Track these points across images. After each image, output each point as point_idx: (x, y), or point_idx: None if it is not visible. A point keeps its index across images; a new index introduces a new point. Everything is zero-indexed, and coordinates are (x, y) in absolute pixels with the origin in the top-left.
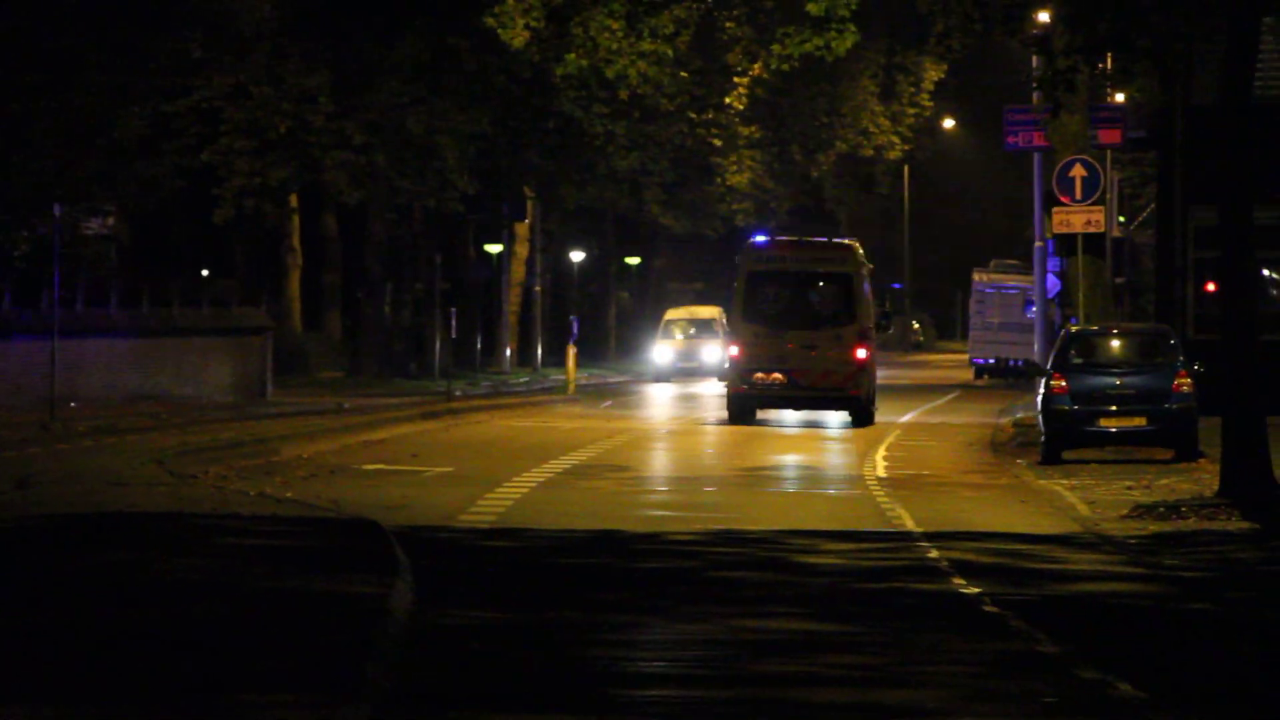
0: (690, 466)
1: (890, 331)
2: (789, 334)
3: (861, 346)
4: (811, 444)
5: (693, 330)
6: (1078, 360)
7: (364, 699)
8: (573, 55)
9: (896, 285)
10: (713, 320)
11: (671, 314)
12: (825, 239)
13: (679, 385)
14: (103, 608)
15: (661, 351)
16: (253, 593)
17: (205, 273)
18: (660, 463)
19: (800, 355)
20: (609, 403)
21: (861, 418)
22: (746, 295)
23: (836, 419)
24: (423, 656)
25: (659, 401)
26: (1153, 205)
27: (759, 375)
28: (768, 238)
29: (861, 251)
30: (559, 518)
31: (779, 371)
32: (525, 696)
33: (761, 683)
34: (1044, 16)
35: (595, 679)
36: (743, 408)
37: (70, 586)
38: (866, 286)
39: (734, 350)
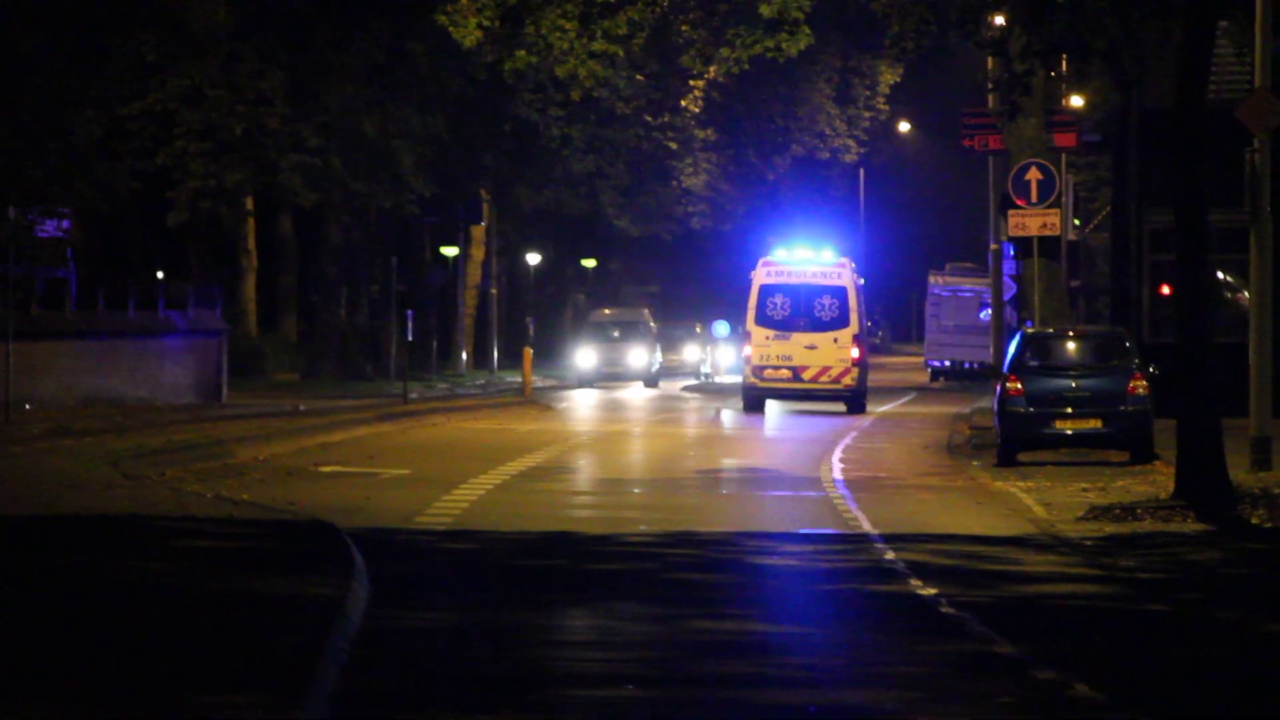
0: (647, 468)
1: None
2: (794, 336)
3: (856, 347)
4: (769, 447)
5: (617, 333)
6: (1033, 363)
7: (318, 700)
8: (522, 53)
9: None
10: (639, 322)
11: (596, 315)
12: (822, 258)
13: (603, 390)
14: (58, 610)
15: (585, 355)
16: (209, 594)
17: (160, 275)
18: (617, 465)
19: (804, 354)
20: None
21: (854, 407)
22: (759, 303)
23: (803, 420)
24: (377, 658)
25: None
26: (1108, 208)
27: (768, 371)
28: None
29: (854, 266)
30: (515, 520)
31: (786, 368)
32: (478, 697)
33: (715, 684)
34: (1000, 20)
35: (548, 679)
36: (754, 399)
37: (24, 589)
38: (860, 297)
39: (747, 350)
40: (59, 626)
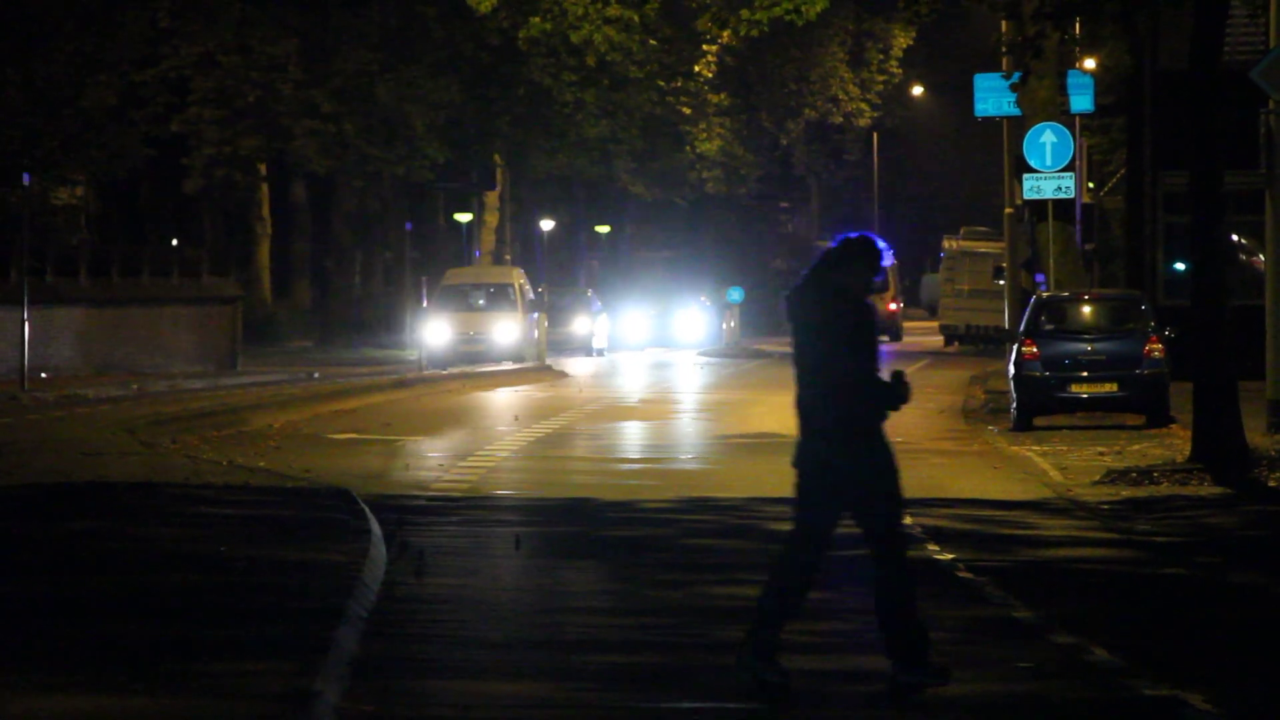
0: (664, 435)
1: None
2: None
3: (894, 302)
4: (784, 412)
5: (481, 300)
6: (1049, 326)
7: (336, 667)
8: (537, 19)
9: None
10: (509, 286)
11: (453, 277)
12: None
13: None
14: (75, 576)
15: (437, 329)
16: (225, 561)
17: (174, 242)
18: (633, 432)
19: None
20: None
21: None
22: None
23: None
24: (395, 625)
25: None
26: (1122, 171)
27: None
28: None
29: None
30: (532, 486)
31: None
32: (497, 663)
33: (733, 649)
34: None
35: (567, 646)
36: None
37: (42, 555)
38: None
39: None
40: (75, 593)
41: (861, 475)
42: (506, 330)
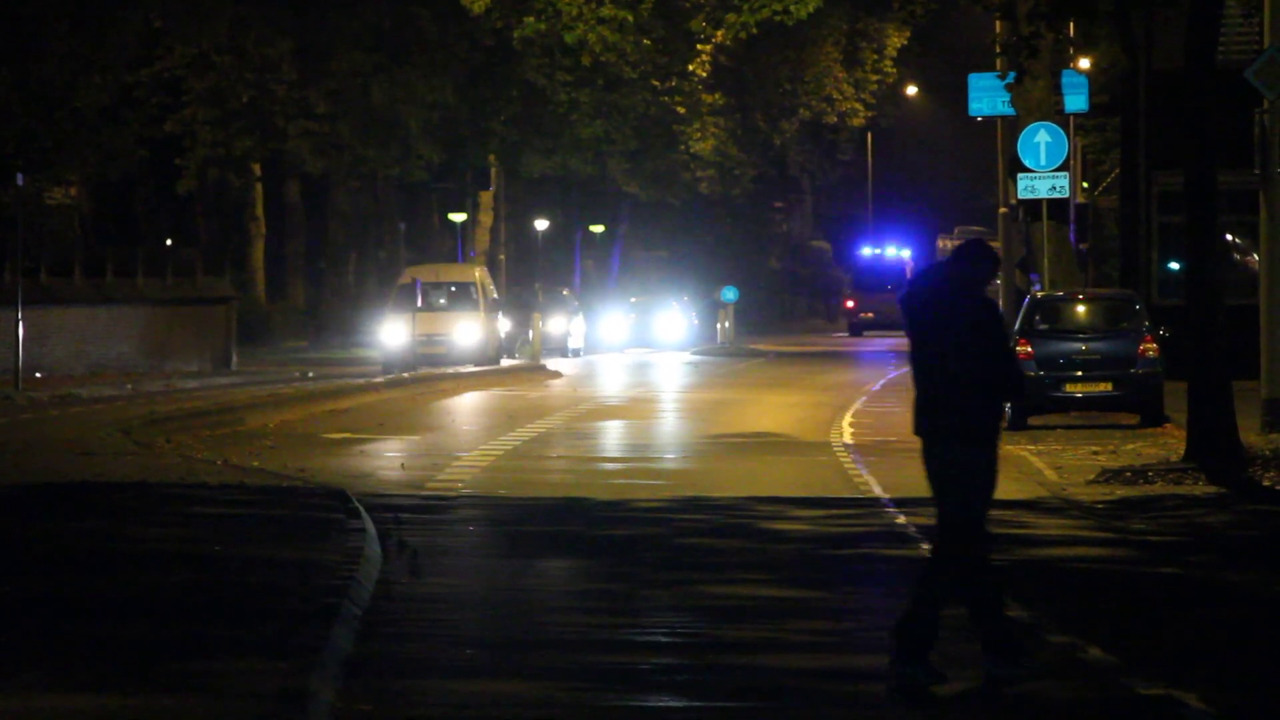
0: (656, 435)
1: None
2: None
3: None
4: (779, 412)
5: (442, 300)
6: (1043, 326)
7: (331, 666)
8: (531, 19)
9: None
10: (471, 285)
11: (412, 274)
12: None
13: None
14: (71, 576)
15: (393, 330)
16: (220, 561)
17: (168, 242)
18: (624, 432)
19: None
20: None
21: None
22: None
23: (812, 385)
24: (390, 624)
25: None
26: (1116, 171)
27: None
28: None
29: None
30: (527, 486)
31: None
32: (491, 663)
33: (728, 649)
34: None
35: (561, 646)
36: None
37: (38, 555)
38: None
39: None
40: (70, 593)
41: (968, 472)
42: (468, 331)
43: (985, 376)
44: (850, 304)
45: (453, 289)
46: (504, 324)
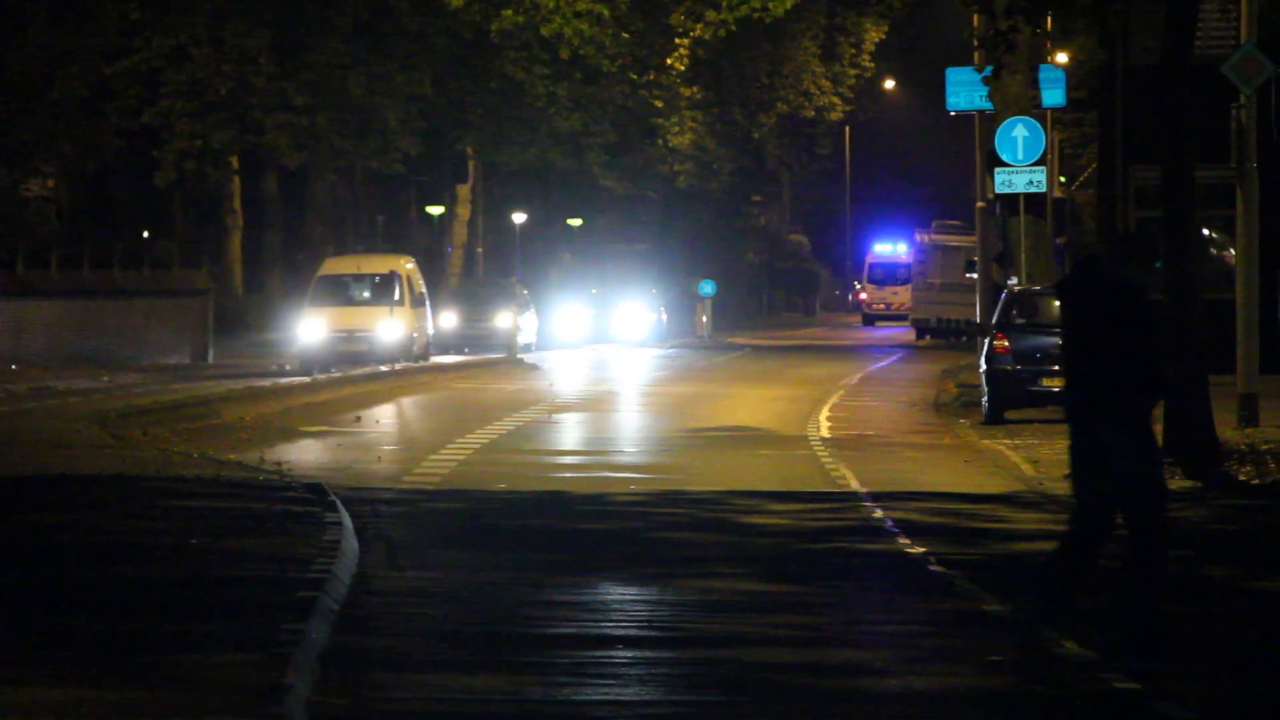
0: (634, 428)
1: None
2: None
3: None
4: (756, 405)
5: (366, 293)
6: (1020, 320)
7: (307, 661)
8: (509, 11)
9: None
10: (395, 277)
11: (332, 265)
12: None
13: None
14: (46, 569)
15: (311, 326)
16: (197, 554)
17: (145, 234)
18: (604, 424)
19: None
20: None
21: None
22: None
23: (790, 378)
24: (367, 618)
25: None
26: (1094, 165)
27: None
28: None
29: None
30: (504, 479)
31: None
32: (468, 658)
33: (706, 643)
34: None
35: (539, 640)
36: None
37: (12, 548)
38: None
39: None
40: (45, 586)
41: (1129, 465)
42: (391, 326)
43: (1135, 366)
44: (863, 296)
45: (376, 281)
46: (449, 318)
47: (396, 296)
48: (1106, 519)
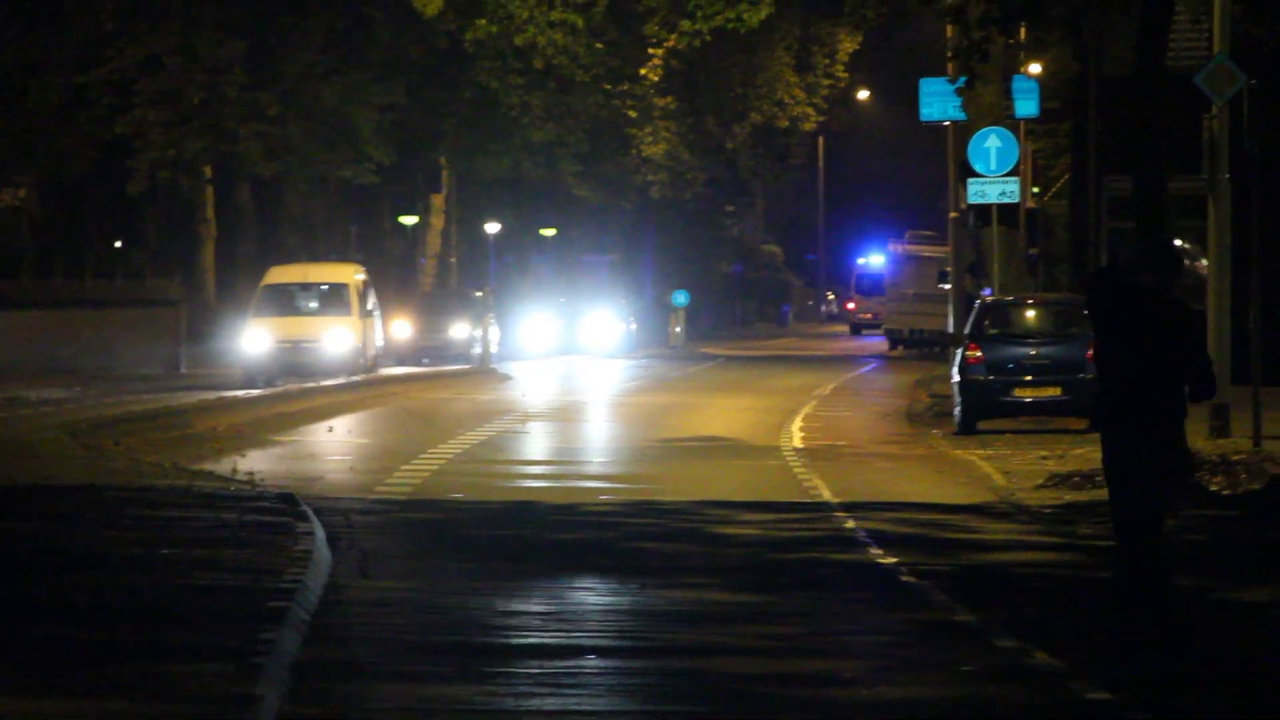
0: (607, 438)
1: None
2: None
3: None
4: (729, 415)
5: (314, 303)
6: (993, 330)
7: (279, 671)
8: (483, 21)
9: (811, 257)
10: (345, 287)
11: (278, 274)
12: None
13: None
14: (15, 579)
15: (255, 336)
16: (169, 564)
17: (118, 244)
18: (576, 434)
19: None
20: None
21: None
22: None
23: (763, 388)
24: (338, 629)
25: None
26: (1066, 176)
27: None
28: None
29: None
30: (475, 490)
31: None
32: (439, 668)
33: (677, 653)
34: None
35: (510, 651)
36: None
37: None
38: None
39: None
40: (14, 597)
41: (1155, 467)
42: (339, 337)
43: (1179, 373)
44: (851, 306)
45: (323, 290)
46: (405, 329)
47: (347, 306)
48: (1153, 519)
